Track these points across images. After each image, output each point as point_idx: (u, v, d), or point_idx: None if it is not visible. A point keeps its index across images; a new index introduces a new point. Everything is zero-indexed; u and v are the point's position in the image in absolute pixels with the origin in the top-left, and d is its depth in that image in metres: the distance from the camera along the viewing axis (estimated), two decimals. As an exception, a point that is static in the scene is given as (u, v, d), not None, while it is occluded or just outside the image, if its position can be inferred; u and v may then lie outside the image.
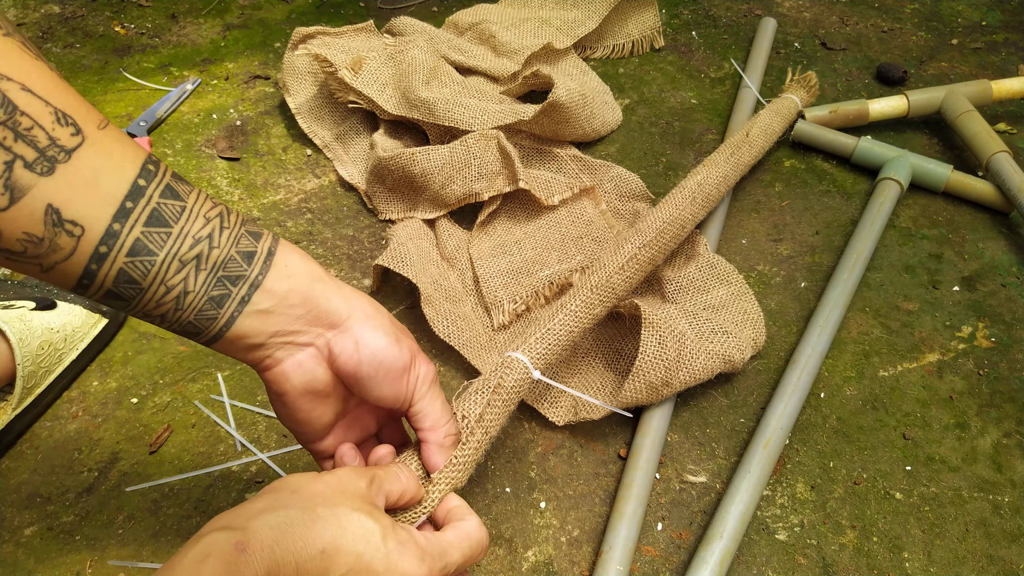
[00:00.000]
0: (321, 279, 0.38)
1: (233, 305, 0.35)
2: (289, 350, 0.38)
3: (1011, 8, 1.12)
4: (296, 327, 0.37)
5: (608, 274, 0.58)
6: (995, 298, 0.72)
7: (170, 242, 0.33)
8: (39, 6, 1.07)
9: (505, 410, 0.48)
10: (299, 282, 0.37)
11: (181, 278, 0.34)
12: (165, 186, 0.34)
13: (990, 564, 0.54)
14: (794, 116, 0.84)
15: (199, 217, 0.34)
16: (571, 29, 0.97)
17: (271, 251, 0.37)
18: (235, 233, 0.36)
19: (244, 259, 0.36)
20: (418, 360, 0.41)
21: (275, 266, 0.36)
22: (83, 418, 0.61)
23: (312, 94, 0.88)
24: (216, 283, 0.35)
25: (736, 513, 0.53)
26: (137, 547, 0.53)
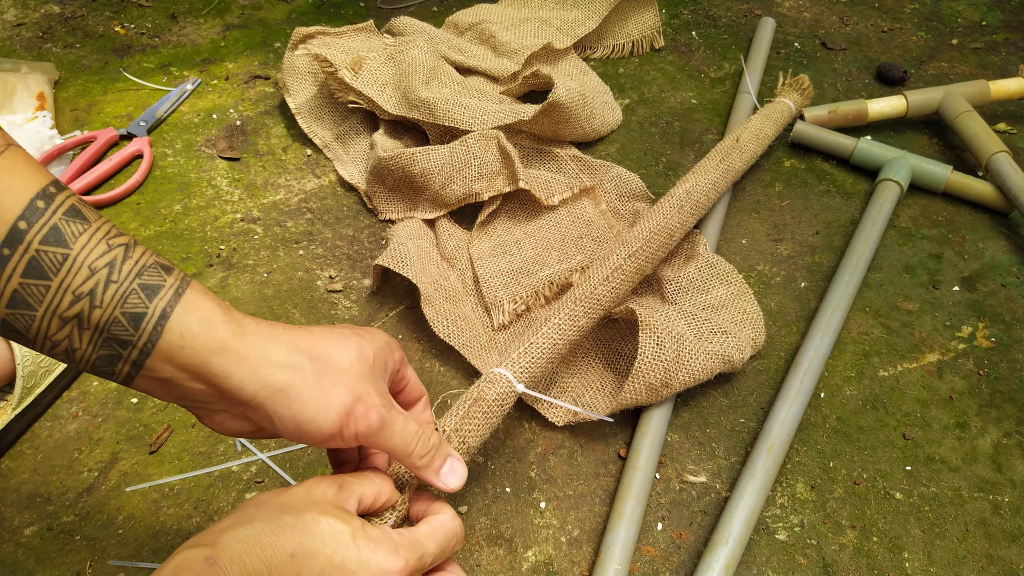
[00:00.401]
0: (222, 349, 0.33)
1: (127, 367, 0.32)
2: (204, 411, 0.36)
3: (1011, 8, 1.12)
4: (201, 399, 0.34)
5: (593, 286, 0.58)
6: (995, 298, 0.72)
7: (49, 297, 0.30)
8: (39, 6, 1.07)
9: (486, 422, 0.48)
10: (195, 355, 0.32)
11: (64, 335, 0.31)
12: (51, 229, 0.30)
13: (990, 564, 0.54)
14: (788, 120, 0.83)
15: (83, 268, 0.30)
16: (571, 29, 0.97)
17: (164, 314, 0.32)
18: (123, 290, 0.31)
19: (130, 323, 0.31)
20: (352, 419, 0.36)
21: (166, 334, 0.32)
22: (83, 418, 0.61)
23: (312, 94, 0.88)
24: (103, 344, 0.31)
25: (741, 518, 0.53)
26: (137, 547, 0.53)
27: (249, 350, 0.34)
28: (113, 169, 0.82)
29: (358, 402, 0.36)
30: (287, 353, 0.35)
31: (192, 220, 0.78)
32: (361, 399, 0.36)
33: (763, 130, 0.78)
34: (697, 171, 0.70)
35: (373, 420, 0.37)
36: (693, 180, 0.69)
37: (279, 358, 0.35)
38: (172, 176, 0.83)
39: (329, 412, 0.35)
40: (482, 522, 0.56)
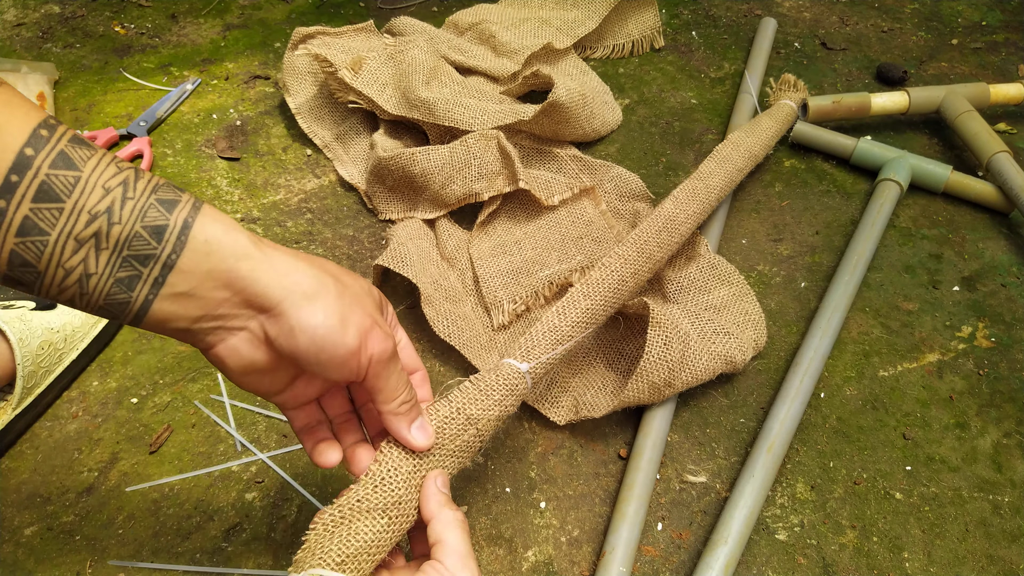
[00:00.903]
0: (248, 255, 0.33)
1: (146, 288, 0.31)
2: (220, 335, 0.34)
3: (1011, 8, 1.12)
4: (223, 311, 0.33)
5: (610, 272, 0.57)
6: (995, 298, 0.72)
7: (62, 220, 0.30)
8: (39, 6, 1.07)
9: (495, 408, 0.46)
10: (221, 261, 0.32)
11: (80, 259, 0.30)
12: (58, 154, 0.30)
13: (990, 564, 0.54)
14: (792, 117, 0.84)
15: (96, 188, 0.30)
16: (571, 29, 0.97)
17: (187, 224, 0.32)
18: (141, 204, 0.31)
19: (152, 235, 0.31)
20: (370, 340, 0.36)
21: (191, 242, 0.32)
22: (83, 418, 0.61)
23: (312, 94, 0.88)
24: (122, 264, 0.31)
25: (741, 518, 0.53)
26: (137, 547, 0.53)
27: (274, 259, 0.34)
28: (113, 169, 0.82)
29: (375, 326, 0.37)
30: (310, 267, 0.35)
31: (192, 220, 0.78)
32: (377, 325, 0.37)
33: (769, 129, 0.78)
34: (723, 161, 0.70)
35: (388, 347, 0.37)
36: (720, 171, 0.68)
37: (304, 269, 0.35)
38: (172, 176, 0.83)
39: (351, 328, 0.35)
40: (482, 522, 0.56)
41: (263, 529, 0.55)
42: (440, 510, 0.39)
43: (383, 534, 0.38)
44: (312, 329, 0.34)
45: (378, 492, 0.39)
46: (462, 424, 0.43)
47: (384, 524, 0.38)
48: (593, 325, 0.55)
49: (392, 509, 0.38)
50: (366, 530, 0.37)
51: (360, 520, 0.37)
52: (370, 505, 0.38)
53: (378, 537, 0.37)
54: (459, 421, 0.43)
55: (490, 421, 0.45)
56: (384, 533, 0.38)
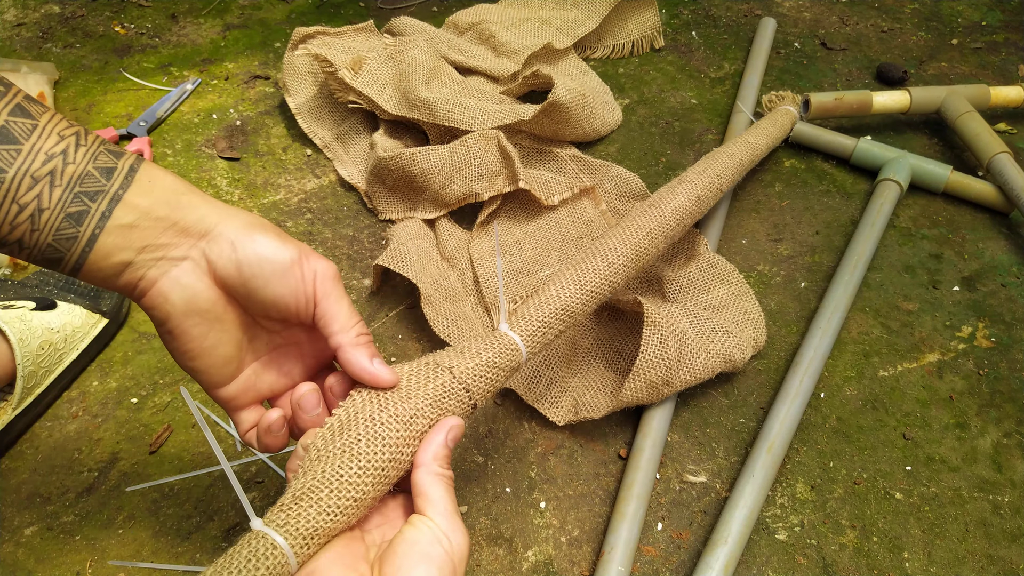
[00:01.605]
0: (188, 192, 0.36)
1: (93, 222, 0.34)
2: (162, 266, 0.35)
3: (1011, 8, 1.12)
4: (165, 239, 0.35)
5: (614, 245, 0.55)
6: (995, 298, 0.72)
7: (20, 159, 0.32)
8: (39, 6, 1.07)
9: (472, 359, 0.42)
10: (163, 194, 0.35)
11: (34, 195, 0.33)
12: (15, 105, 0.33)
13: (990, 564, 0.54)
14: (792, 122, 0.84)
15: (52, 135, 0.33)
16: (571, 29, 0.97)
17: (133, 167, 0.35)
18: (93, 150, 0.34)
19: (102, 174, 0.34)
20: (312, 257, 0.38)
21: (137, 180, 0.35)
22: (83, 418, 0.61)
23: (312, 94, 0.88)
24: (73, 199, 0.33)
25: (740, 518, 0.53)
26: (137, 547, 0.53)
27: (209, 199, 0.37)
28: (113, 169, 0.82)
29: (313, 252, 0.38)
30: (245, 211, 0.38)
31: (192, 220, 0.78)
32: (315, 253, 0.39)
33: (770, 132, 0.78)
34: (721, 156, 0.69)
35: (332, 266, 0.38)
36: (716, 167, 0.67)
37: (237, 209, 0.38)
38: (172, 176, 0.83)
39: (289, 243, 0.37)
40: (482, 522, 0.56)
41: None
42: (432, 462, 0.37)
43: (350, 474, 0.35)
44: (252, 241, 0.36)
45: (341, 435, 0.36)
46: (432, 370, 0.40)
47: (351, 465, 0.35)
48: (596, 297, 0.52)
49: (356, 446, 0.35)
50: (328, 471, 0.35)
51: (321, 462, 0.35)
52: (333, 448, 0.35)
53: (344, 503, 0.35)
54: (428, 369, 0.40)
55: (468, 370, 0.41)
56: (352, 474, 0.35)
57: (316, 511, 0.34)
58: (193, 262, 0.36)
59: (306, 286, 0.37)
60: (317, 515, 0.34)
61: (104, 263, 0.35)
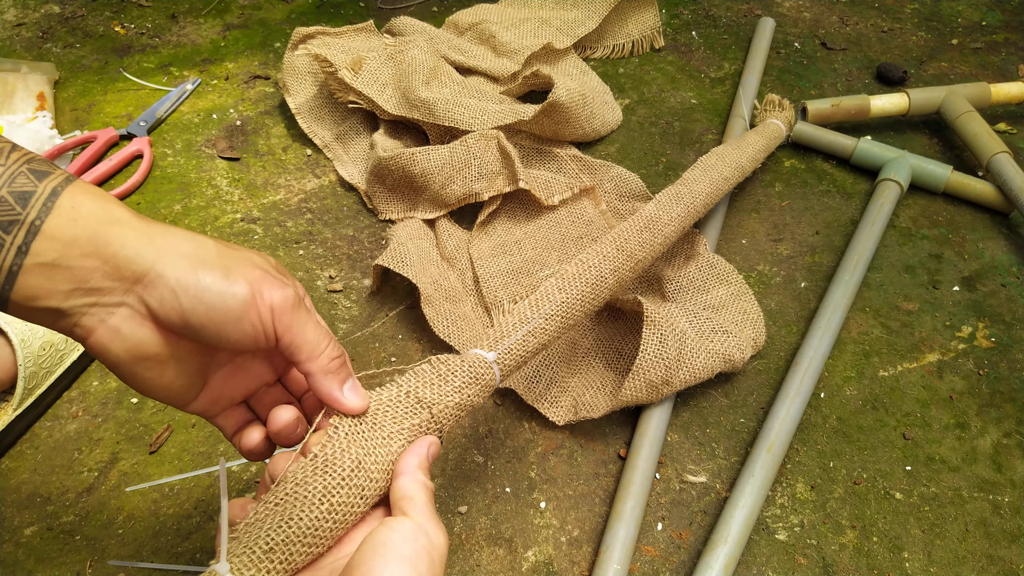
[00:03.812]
0: (119, 222, 0.31)
1: (10, 256, 0.29)
2: (96, 313, 0.31)
3: (1011, 8, 1.12)
4: (95, 283, 0.30)
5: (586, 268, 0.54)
6: (995, 298, 0.72)
7: None
8: (39, 6, 1.07)
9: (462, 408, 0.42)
10: (88, 226, 0.30)
11: None
12: None
13: (990, 564, 0.54)
14: (779, 140, 0.82)
15: None
16: (571, 29, 0.97)
17: (55, 191, 0.30)
18: (11, 172, 0.30)
19: (18, 201, 0.29)
20: (265, 288, 0.33)
21: (58, 207, 0.30)
22: (83, 418, 0.61)
23: (312, 94, 0.88)
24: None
25: (740, 517, 0.53)
26: (137, 547, 0.54)
27: (147, 226, 0.32)
28: (113, 169, 0.82)
29: (268, 277, 0.34)
30: (187, 233, 0.33)
31: (192, 220, 0.78)
32: (272, 276, 0.34)
33: (756, 143, 0.77)
34: (708, 169, 0.68)
35: (288, 293, 0.34)
36: (704, 179, 0.66)
37: (180, 232, 0.33)
38: (172, 176, 0.83)
39: (238, 279, 0.32)
40: (482, 522, 0.56)
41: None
42: (416, 470, 0.36)
43: (322, 521, 0.33)
44: (192, 285, 0.31)
45: (319, 476, 0.34)
46: (412, 406, 0.39)
47: (324, 511, 0.34)
48: (569, 321, 0.52)
49: (334, 494, 0.34)
50: (303, 516, 0.33)
51: (297, 505, 0.33)
52: (310, 490, 0.34)
53: (315, 524, 0.33)
54: (408, 403, 0.39)
55: (448, 408, 0.40)
56: (324, 521, 0.34)
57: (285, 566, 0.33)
58: (130, 308, 0.31)
59: (264, 325, 0.33)
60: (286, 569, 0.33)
61: (30, 305, 0.30)
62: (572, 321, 0.52)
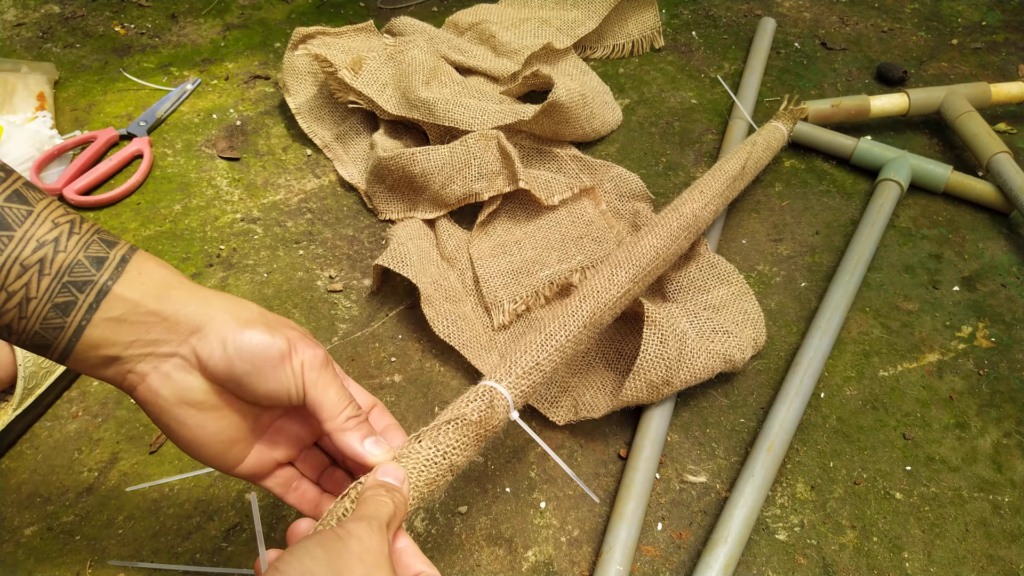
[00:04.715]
0: (178, 286, 0.36)
1: (80, 313, 0.33)
2: (152, 362, 0.35)
3: (1011, 8, 1.12)
4: (154, 335, 0.35)
5: (597, 306, 0.55)
6: (995, 298, 0.72)
7: (11, 245, 0.32)
8: (39, 6, 1.07)
9: (474, 443, 0.44)
10: (153, 287, 0.35)
11: (23, 283, 0.32)
12: (12, 192, 0.33)
13: (990, 564, 0.54)
14: (781, 145, 0.82)
15: (46, 222, 0.33)
16: (571, 29, 0.97)
17: (124, 258, 0.35)
18: (85, 239, 0.34)
19: (93, 264, 0.34)
20: (300, 346, 0.38)
21: (127, 272, 0.35)
22: (83, 418, 0.61)
23: (312, 94, 0.88)
24: (61, 289, 0.33)
25: (740, 517, 0.53)
26: (137, 547, 0.53)
27: (200, 291, 0.37)
28: (113, 169, 0.82)
29: (304, 336, 0.39)
30: (235, 299, 0.38)
31: (192, 220, 0.78)
32: (308, 335, 0.39)
33: (761, 159, 0.77)
34: (705, 191, 0.67)
35: (319, 353, 0.38)
36: (701, 201, 0.66)
37: (228, 296, 0.38)
38: (172, 176, 0.83)
39: (278, 334, 0.37)
40: (482, 522, 0.56)
41: (263, 529, 0.55)
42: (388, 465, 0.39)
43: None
44: (240, 337, 0.36)
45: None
46: (444, 470, 0.41)
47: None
48: (579, 347, 0.54)
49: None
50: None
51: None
52: None
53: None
54: (442, 467, 0.41)
55: (461, 462, 0.43)
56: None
57: None
58: (182, 358, 0.36)
59: (296, 378, 0.37)
60: None
61: (91, 354, 0.34)
62: (575, 350, 0.54)
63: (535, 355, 0.49)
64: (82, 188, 0.79)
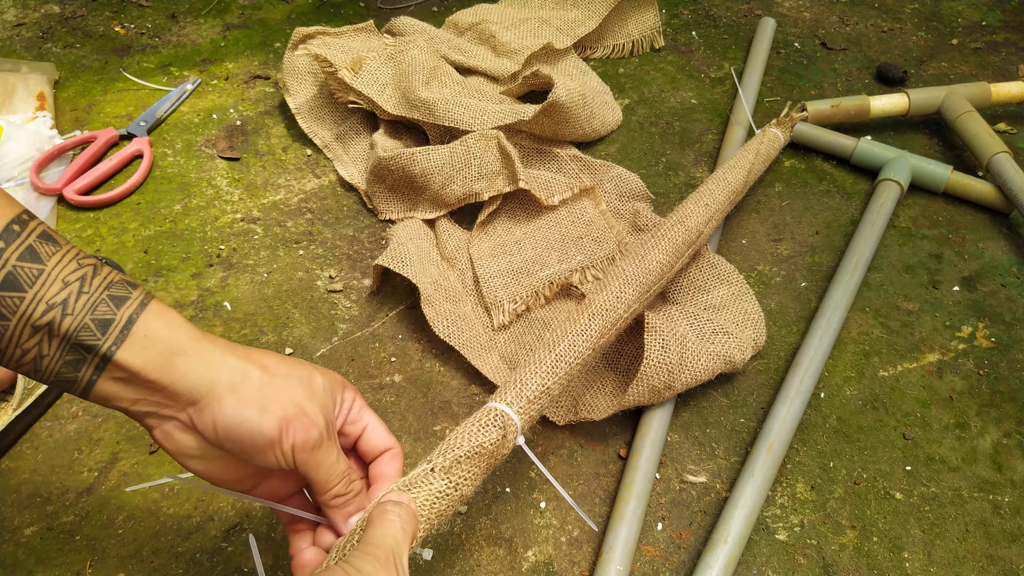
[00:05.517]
0: (182, 352, 0.36)
1: (90, 371, 0.35)
2: (155, 420, 0.37)
3: (1011, 8, 1.12)
4: (156, 399, 0.36)
5: (604, 325, 0.54)
6: (995, 298, 0.72)
7: (23, 307, 0.33)
8: (39, 6, 1.07)
9: (483, 471, 0.44)
10: (156, 355, 0.36)
11: (35, 343, 0.34)
12: (26, 248, 0.33)
13: (990, 564, 0.54)
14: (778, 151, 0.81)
15: (56, 281, 0.34)
16: (571, 29, 0.97)
17: (131, 319, 0.35)
18: (94, 299, 0.35)
19: (99, 327, 0.35)
20: (293, 428, 0.38)
21: (132, 336, 0.35)
22: (83, 418, 0.61)
23: (312, 94, 0.88)
24: (70, 349, 0.34)
25: (740, 517, 0.53)
26: (137, 547, 0.53)
27: (206, 354, 0.37)
28: (113, 169, 0.82)
29: (301, 415, 0.38)
30: (240, 361, 0.38)
31: (192, 220, 0.78)
32: (305, 413, 0.38)
33: (760, 171, 0.76)
34: (710, 204, 0.66)
35: (312, 435, 0.38)
36: (706, 214, 0.65)
37: (232, 363, 0.37)
38: (172, 176, 0.83)
39: (270, 417, 0.37)
40: (482, 522, 0.56)
41: (263, 529, 0.55)
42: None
43: None
44: (228, 420, 0.36)
45: None
46: (455, 501, 0.42)
47: None
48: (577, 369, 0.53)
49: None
50: None
51: None
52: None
53: None
54: (453, 499, 0.41)
55: (468, 494, 0.43)
56: None
57: None
58: (180, 422, 0.37)
59: (286, 459, 0.38)
60: None
61: (106, 403, 0.36)
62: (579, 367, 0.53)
63: (545, 379, 0.49)
64: (82, 188, 0.79)
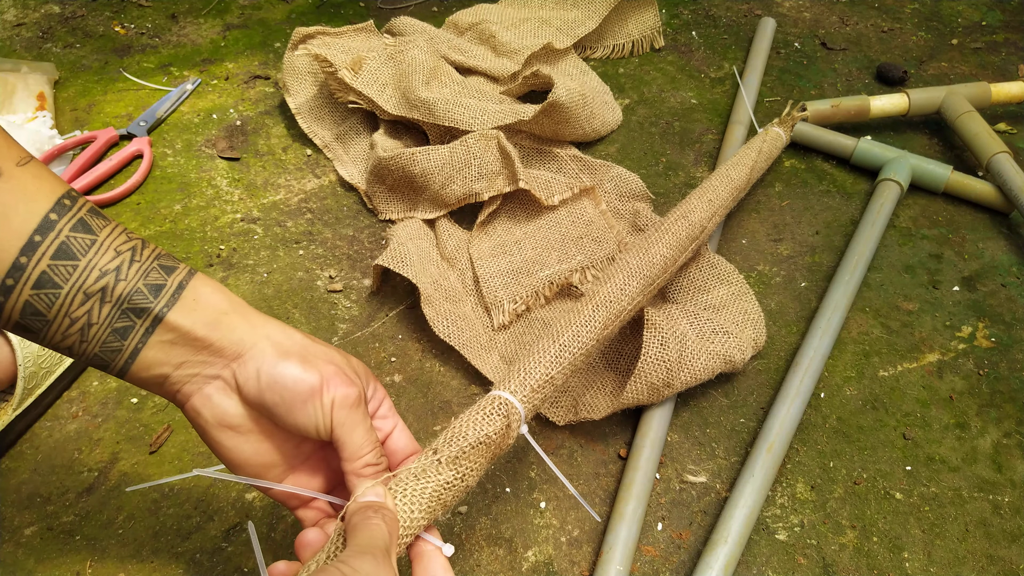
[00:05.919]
0: (229, 312, 0.38)
1: (137, 337, 0.36)
2: (196, 383, 0.37)
3: (1011, 8, 1.12)
4: (201, 357, 0.37)
5: (609, 316, 0.54)
6: (995, 298, 0.72)
7: (76, 275, 0.34)
8: (39, 6, 1.07)
9: (488, 460, 0.43)
10: (205, 315, 0.37)
11: (85, 310, 0.34)
12: (78, 220, 0.35)
13: (990, 564, 0.54)
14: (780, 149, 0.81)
15: (108, 250, 0.35)
16: (571, 29, 0.97)
17: (181, 284, 0.37)
18: (145, 267, 0.36)
19: (151, 292, 0.36)
20: (333, 383, 0.38)
21: (183, 299, 0.37)
22: (83, 418, 0.61)
23: (312, 94, 0.88)
24: (120, 315, 0.35)
25: (740, 517, 0.53)
26: (137, 547, 0.54)
27: (251, 316, 0.39)
28: (113, 169, 0.82)
29: (340, 372, 0.39)
30: (282, 324, 0.40)
31: (192, 220, 0.78)
32: (344, 372, 0.39)
33: (763, 169, 0.76)
34: (713, 200, 0.66)
35: (352, 392, 0.39)
36: (709, 210, 0.65)
37: (276, 324, 0.39)
38: (172, 176, 0.83)
39: (312, 370, 0.38)
40: (482, 522, 0.56)
41: (263, 529, 0.55)
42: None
43: None
44: (273, 369, 0.37)
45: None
46: (460, 492, 0.41)
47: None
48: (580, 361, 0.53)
49: None
50: None
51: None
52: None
53: None
54: (459, 489, 0.41)
55: (472, 485, 0.43)
56: None
57: None
58: (224, 381, 0.38)
59: (324, 415, 0.38)
60: None
61: (145, 374, 0.37)
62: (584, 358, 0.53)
63: (548, 368, 0.48)
64: (82, 188, 0.79)
